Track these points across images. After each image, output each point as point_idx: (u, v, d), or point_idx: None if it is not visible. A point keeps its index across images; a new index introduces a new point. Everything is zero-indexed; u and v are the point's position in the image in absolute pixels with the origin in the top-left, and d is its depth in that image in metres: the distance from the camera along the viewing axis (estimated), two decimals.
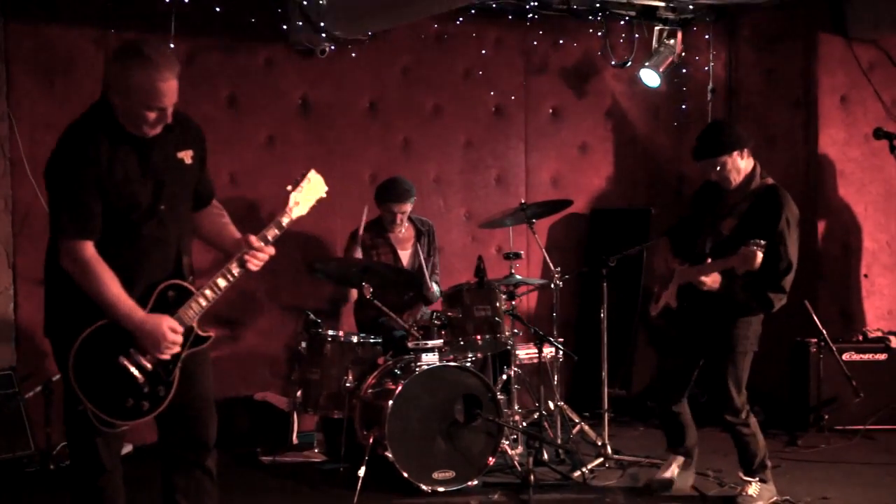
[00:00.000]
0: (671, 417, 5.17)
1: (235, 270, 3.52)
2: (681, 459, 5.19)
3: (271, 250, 3.57)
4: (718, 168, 4.86)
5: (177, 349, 3.44)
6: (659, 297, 5.09)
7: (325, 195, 3.74)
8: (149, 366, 3.41)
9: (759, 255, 4.54)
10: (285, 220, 3.61)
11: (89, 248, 3.35)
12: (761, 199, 4.84)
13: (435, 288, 6.26)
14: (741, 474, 4.99)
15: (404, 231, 6.28)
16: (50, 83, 5.98)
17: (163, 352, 3.40)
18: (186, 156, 3.56)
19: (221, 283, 3.51)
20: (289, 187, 3.65)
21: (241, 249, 3.54)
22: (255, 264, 3.54)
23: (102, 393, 3.37)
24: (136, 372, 3.39)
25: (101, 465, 3.49)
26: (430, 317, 5.68)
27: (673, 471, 5.17)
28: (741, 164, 4.87)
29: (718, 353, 4.90)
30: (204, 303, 3.50)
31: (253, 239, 3.53)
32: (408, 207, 6.15)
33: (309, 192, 3.68)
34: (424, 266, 6.25)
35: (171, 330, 3.40)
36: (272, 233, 3.59)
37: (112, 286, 3.35)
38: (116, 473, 3.55)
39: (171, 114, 3.42)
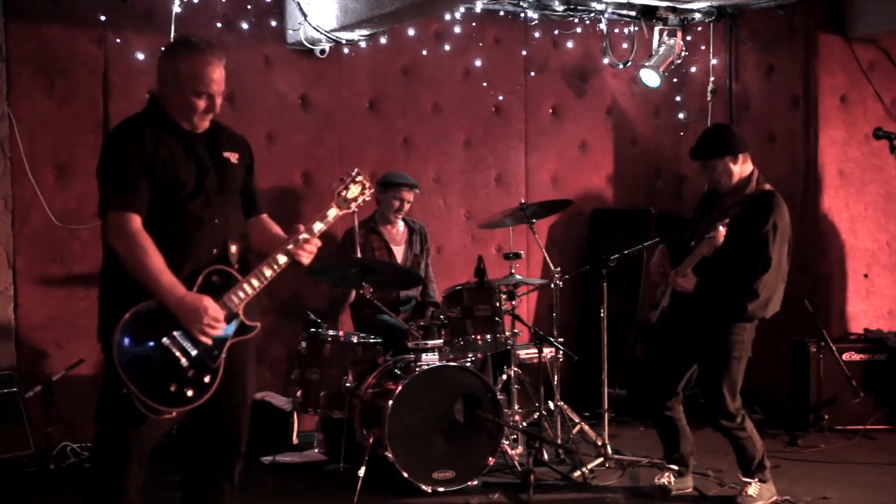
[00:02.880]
0: (664, 422, 5.14)
1: (281, 259, 3.55)
2: (674, 468, 5.17)
3: (318, 242, 3.62)
4: (709, 170, 4.93)
5: (217, 332, 3.43)
6: (658, 305, 5.11)
7: (369, 197, 3.81)
8: (193, 350, 3.40)
9: (722, 231, 4.67)
10: (331, 214, 3.67)
11: (135, 222, 3.39)
12: (754, 203, 4.86)
13: (433, 285, 6.31)
14: (740, 475, 5.00)
15: (400, 230, 6.32)
16: (50, 83, 5.98)
17: (203, 330, 3.38)
18: (232, 156, 3.66)
19: (267, 272, 3.54)
20: (334, 185, 3.73)
21: (290, 240, 3.57)
22: (304, 256, 3.59)
23: (146, 377, 3.34)
24: (179, 356, 3.38)
25: (126, 463, 3.45)
26: (430, 316, 5.68)
27: (669, 478, 5.15)
28: (734, 169, 4.90)
29: (713, 358, 4.90)
30: (250, 290, 3.51)
31: (301, 228, 3.59)
32: (412, 197, 6.23)
33: (353, 191, 3.74)
34: (420, 262, 6.30)
35: (213, 309, 3.39)
36: (318, 226, 3.63)
37: (156, 260, 3.37)
38: (139, 473, 3.51)
39: (219, 104, 3.52)
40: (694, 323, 4.92)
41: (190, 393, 3.41)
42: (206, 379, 3.44)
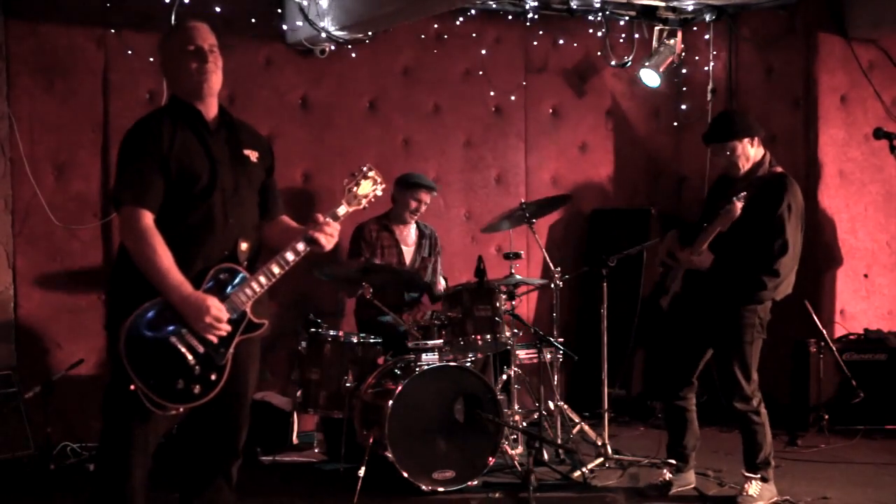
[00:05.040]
0: (675, 412, 5.15)
1: (290, 257, 3.53)
2: (673, 463, 5.16)
3: (338, 226, 3.61)
4: (728, 153, 4.94)
5: (222, 332, 3.43)
6: (668, 289, 5.09)
7: (381, 193, 3.77)
8: (200, 347, 3.40)
9: (738, 205, 4.71)
10: (341, 211, 3.66)
11: (147, 217, 3.40)
12: (767, 184, 4.89)
13: (441, 284, 6.33)
14: (744, 471, 4.98)
15: (412, 232, 6.34)
16: (50, 83, 5.98)
17: (207, 329, 3.39)
18: (252, 154, 3.67)
19: (276, 269, 3.53)
20: (345, 181, 3.71)
21: (304, 231, 3.57)
22: (327, 239, 3.56)
23: (153, 373, 3.35)
24: (186, 353, 3.38)
25: (130, 458, 3.45)
26: (431, 317, 5.68)
27: (666, 476, 5.15)
28: (750, 152, 4.93)
29: (725, 342, 4.91)
30: (258, 288, 3.51)
31: (320, 216, 3.58)
32: (429, 199, 6.26)
33: (365, 187, 3.71)
34: (427, 265, 6.30)
35: (216, 309, 3.39)
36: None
37: (164, 258, 3.37)
38: (144, 468, 3.51)
39: (215, 60, 3.54)
40: (706, 306, 4.93)
41: (197, 389, 3.41)
42: (213, 376, 3.44)
